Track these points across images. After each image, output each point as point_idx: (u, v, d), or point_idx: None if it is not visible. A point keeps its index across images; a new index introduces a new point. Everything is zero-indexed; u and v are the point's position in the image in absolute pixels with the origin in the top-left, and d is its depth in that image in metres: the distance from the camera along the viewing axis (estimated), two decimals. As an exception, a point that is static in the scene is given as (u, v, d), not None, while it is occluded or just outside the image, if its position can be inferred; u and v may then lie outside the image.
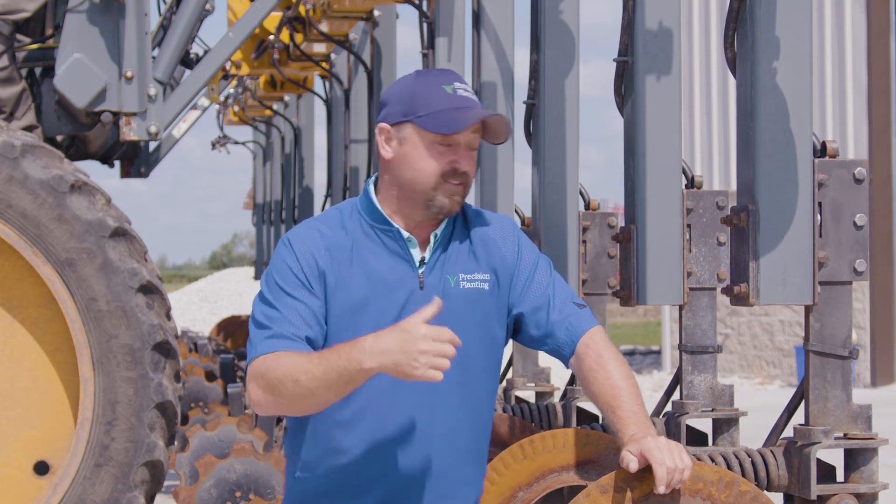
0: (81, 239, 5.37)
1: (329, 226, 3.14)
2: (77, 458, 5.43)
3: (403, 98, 3.11)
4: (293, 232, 3.15)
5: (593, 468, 3.56)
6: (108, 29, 5.73)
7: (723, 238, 4.19)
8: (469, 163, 3.10)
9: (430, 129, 3.06)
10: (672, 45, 4.03)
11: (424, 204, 3.10)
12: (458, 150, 3.08)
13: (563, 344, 3.21)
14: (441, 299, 2.98)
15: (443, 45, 5.69)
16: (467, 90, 3.12)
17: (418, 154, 3.08)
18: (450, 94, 3.08)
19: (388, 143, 3.13)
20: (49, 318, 5.54)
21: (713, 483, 3.13)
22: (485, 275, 3.17)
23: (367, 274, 3.09)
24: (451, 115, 3.05)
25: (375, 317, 3.05)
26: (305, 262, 3.06)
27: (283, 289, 3.05)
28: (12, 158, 5.37)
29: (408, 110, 3.09)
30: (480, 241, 3.20)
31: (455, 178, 3.08)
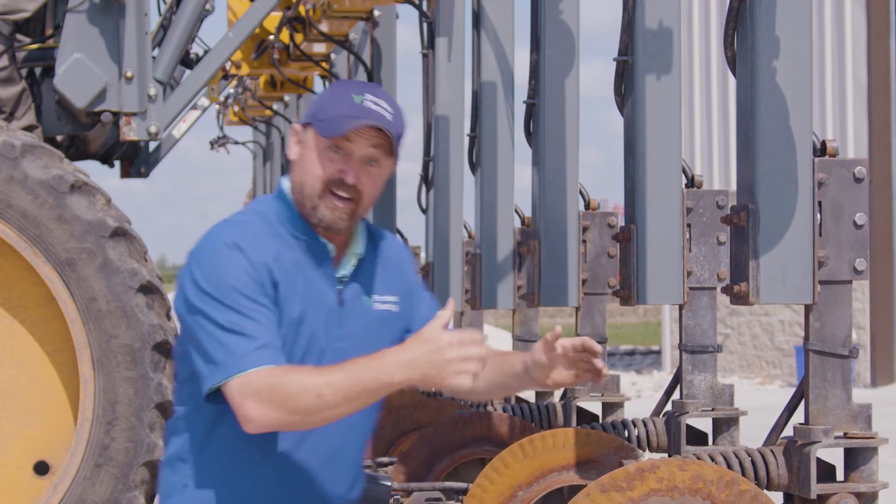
0: (81, 239, 5.37)
1: (264, 234, 3.02)
2: (77, 458, 5.43)
3: (316, 102, 3.09)
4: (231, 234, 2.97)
5: (593, 468, 3.57)
6: (108, 29, 5.73)
7: (723, 237, 4.19)
8: (360, 177, 3.00)
9: (321, 131, 3.00)
10: (672, 44, 4.03)
11: (309, 212, 3.03)
12: (350, 161, 3.00)
13: None
14: (355, 318, 3.02)
15: (443, 45, 5.69)
16: (379, 104, 3.02)
17: (310, 157, 3.02)
18: (355, 103, 3.00)
19: (296, 143, 3.09)
20: (49, 318, 5.53)
21: (713, 482, 3.14)
22: (394, 297, 3.17)
23: (301, 287, 3.02)
24: (342, 119, 2.98)
25: (308, 332, 3.01)
26: (262, 268, 2.94)
27: (247, 294, 2.91)
28: (12, 158, 5.37)
29: (313, 113, 3.05)
30: (390, 262, 3.19)
31: (341, 189, 3.00)
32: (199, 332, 2.90)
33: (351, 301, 3.09)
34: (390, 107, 3.06)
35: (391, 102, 3.08)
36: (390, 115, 3.03)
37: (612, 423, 4.43)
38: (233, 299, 2.89)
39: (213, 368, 2.88)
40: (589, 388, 4.83)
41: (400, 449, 5.17)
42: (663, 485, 3.18)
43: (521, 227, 5.32)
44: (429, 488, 4.31)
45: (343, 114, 2.99)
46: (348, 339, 3.07)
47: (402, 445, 5.23)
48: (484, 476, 3.76)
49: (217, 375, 2.87)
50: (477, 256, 5.19)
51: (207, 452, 3.02)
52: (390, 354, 2.83)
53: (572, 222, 4.69)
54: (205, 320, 2.89)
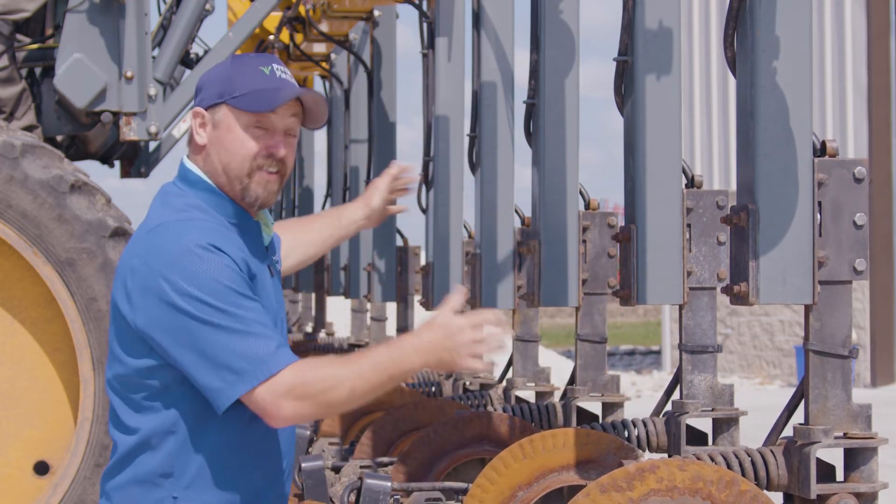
0: (81, 239, 5.37)
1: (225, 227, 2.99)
2: (77, 458, 5.44)
3: (219, 80, 3.01)
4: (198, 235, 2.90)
5: (593, 468, 3.57)
6: (108, 29, 5.73)
7: (723, 238, 4.19)
8: (287, 149, 3.01)
9: (246, 108, 2.95)
10: (672, 45, 4.03)
11: (239, 193, 3.01)
12: (276, 135, 2.99)
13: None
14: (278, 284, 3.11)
15: (443, 45, 5.69)
16: (286, 72, 3.03)
17: (233, 136, 2.98)
18: (267, 75, 2.98)
19: (203, 127, 3.02)
20: (49, 318, 5.54)
21: (713, 482, 3.14)
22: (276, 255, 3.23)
23: (257, 269, 3.02)
24: (268, 93, 2.95)
25: (271, 311, 3.02)
26: (241, 263, 2.93)
27: (245, 293, 2.88)
28: (12, 158, 5.38)
29: (223, 91, 2.98)
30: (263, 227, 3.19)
31: (271, 164, 2.99)
32: (202, 344, 2.82)
33: (276, 269, 3.16)
34: (289, 72, 3.07)
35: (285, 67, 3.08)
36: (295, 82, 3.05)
37: (612, 423, 4.43)
38: (235, 302, 2.85)
39: (233, 378, 2.82)
40: (589, 388, 4.83)
41: (400, 449, 5.17)
42: (663, 485, 3.18)
43: (521, 227, 5.32)
44: (429, 488, 4.31)
45: (264, 87, 2.96)
46: (281, 306, 3.13)
47: (402, 445, 5.23)
48: (484, 476, 3.77)
49: (242, 384, 2.82)
50: (477, 256, 5.19)
51: (197, 462, 2.96)
52: (407, 341, 2.88)
53: (572, 222, 4.69)
54: (209, 330, 2.82)
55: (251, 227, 3.05)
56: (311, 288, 9.80)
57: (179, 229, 2.91)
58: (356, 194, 8.03)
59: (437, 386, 6.56)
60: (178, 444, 2.96)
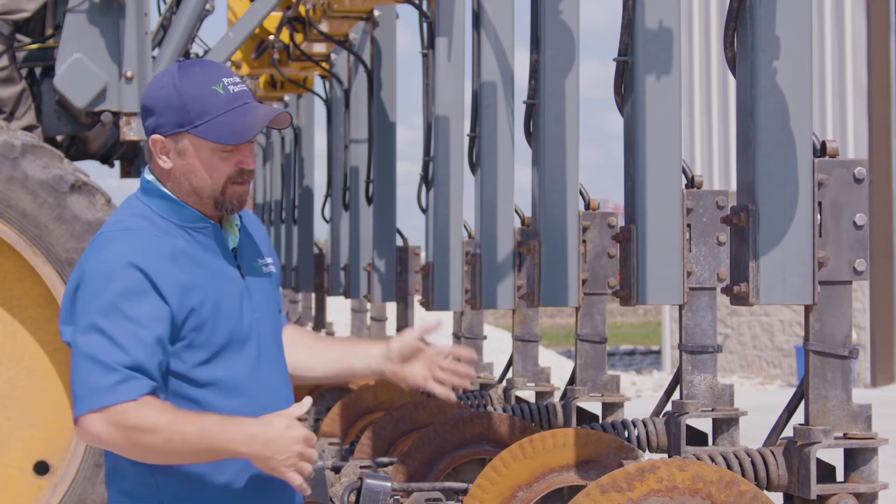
0: (81, 239, 5.37)
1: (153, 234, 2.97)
2: (77, 458, 5.44)
3: (172, 106, 2.95)
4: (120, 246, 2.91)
5: (593, 468, 3.57)
6: (108, 29, 5.73)
7: (723, 238, 4.19)
8: (252, 158, 3.02)
9: (213, 139, 2.93)
10: (672, 44, 4.03)
11: (213, 206, 3.02)
12: (242, 150, 2.99)
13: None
14: (257, 286, 3.07)
15: (443, 45, 5.69)
16: (236, 83, 2.97)
17: (201, 163, 2.97)
18: (221, 94, 2.93)
19: (165, 154, 2.99)
20: (49, 318, 5.54)
21: (713, 483, 3.14)
22: (269, 258, 3.20)
23: (210, 274, 3.00)
24: (233, 121, 2.92)
25: (229, 311, 3.01)
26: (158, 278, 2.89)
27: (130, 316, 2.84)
28: (12, 158, 5.38)
29: (182, 120, 2.94)
30: (253, 228, 3.20)
31: (242, 178, 3.00)
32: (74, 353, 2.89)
33: (249, 269, 3.11)
34: (233, 75, 3.01)
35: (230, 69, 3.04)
36: (244, 86, 3.00)
37: (612, 423, 4.43)
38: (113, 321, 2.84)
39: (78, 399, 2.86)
40: (589, 388, 4.83)
41: (400, 449, 5.17)
42: (663, 485, 3.18)
43: (521, 227, 5.32)
44: (429, 488, 4.31)
45: (224, 112, 2.92)
46: (259, 308, 3.09)
47: (402, 445, 5.23)
48: (484, 476, 3.76)
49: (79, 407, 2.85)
50: (477, 256, 5.19)
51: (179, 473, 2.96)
52: (246, 424, 2.83)
53: (572, 222, 4.69)
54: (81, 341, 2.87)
55: (210, 231, 3.04)
56: (311, 288, 9.80)
57: (103, 241, 2.94)
58: (356, 194, 8.03)
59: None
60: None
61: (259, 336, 3.08)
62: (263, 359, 3.08)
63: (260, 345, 3.08)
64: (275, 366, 3.13)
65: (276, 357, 3.16)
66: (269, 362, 3.11)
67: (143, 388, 2.83)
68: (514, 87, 5.20)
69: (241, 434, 2.82)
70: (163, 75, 3.01)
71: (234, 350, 3.02)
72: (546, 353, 22.47)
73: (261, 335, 3.09)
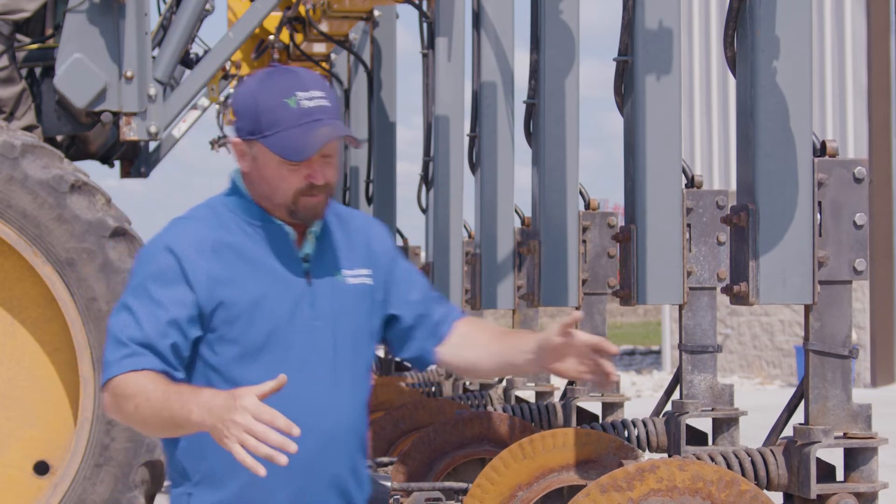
0: (81, 239, 5.37)
1: (207, 225, 3.02)
2: (77, 458, 5.44)
3: (248, 112, 2.98)
4: (169, 234, 3.01)
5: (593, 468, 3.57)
6: (108, 29, 5.73)
7: (723, 238, 4.19)
8: (327, 173, 2.99)
9: (276, 152, 2.95)
10: (672, 44, 4.03)
11: (288, 213, 3.03)
12: (312, 164, 2.97)
13: (434, 343, 3.21)
14: (329, 296, 3.02)
15: (443, 45, 5.69)
16: (312, 97, 2.96)
17: (270, 173, 2.98)
18: (293, 109, 2.94)
19: (243, 157, 3.04)
20: (49, 318, 5.54)
21: (713, 482, 3.14)
22: (366, 270, 3.14)
23: (257, 271, 3.01)
24: (296, 137, 2.92)
25: (272, 313, 2.99)
26: (189, 264, 2.94)
27: (152, 295, 2.92)
28: (12, 158, 5.38)
29: (253, 128, 2.97)
30: (357, 235, 3.16)
31: (312, 192, 2.99)
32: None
33: (321, 278, 3.06)
34: (320, 89, 2.99)
35: (316, 79, 3.01)
36: (327, 101, 2.98)
37: (612, 423, 4.43)
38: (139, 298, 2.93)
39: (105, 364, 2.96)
40: (589, 388, 4.82)
41: (400, 449, 5.17)
42: (663, 485, 3.18)
43: (521, 227, 5.32)
44: (429, 488, 4.31)
45: (290, 128, 2.93)
46: (323, 317, 3.05)
47: (402, 445, 5.23)
48: (484, 476, 3.77)
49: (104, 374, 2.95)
50: (477, 256, 5.19)
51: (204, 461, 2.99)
52: (205, 393, 2.78)
53: (572, 222, 4.69)
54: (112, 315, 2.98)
55: (272, 229, 3.05)
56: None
57: (165, 227, 3.05)
58: (356, 194, 8.03)
59: (437, 386, 6.57)
60: (189, 443, 3.00)
61: (312, 345, 3.04)
62: (313, 368, 3.03)
63: (311, 353, 3.03)
64: (329, 378, 3.05)
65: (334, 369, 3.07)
66: (320, 373, 3.04)
67: (146, 363, 2.87)
68: (514, 87, 5.20)
69: (196, 403, 2.75)
70: (251, 79, 3.06)
71: (275, 353, 3.00)
72: (546, 353, 22.39)
73: (316, 344, 3.04)
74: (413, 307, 3.20)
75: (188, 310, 2.93)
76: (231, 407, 2.66)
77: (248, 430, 2.62)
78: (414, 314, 3.20)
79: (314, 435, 3.00)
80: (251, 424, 2.62)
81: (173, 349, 2.92)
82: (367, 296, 3.13)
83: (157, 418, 2.84)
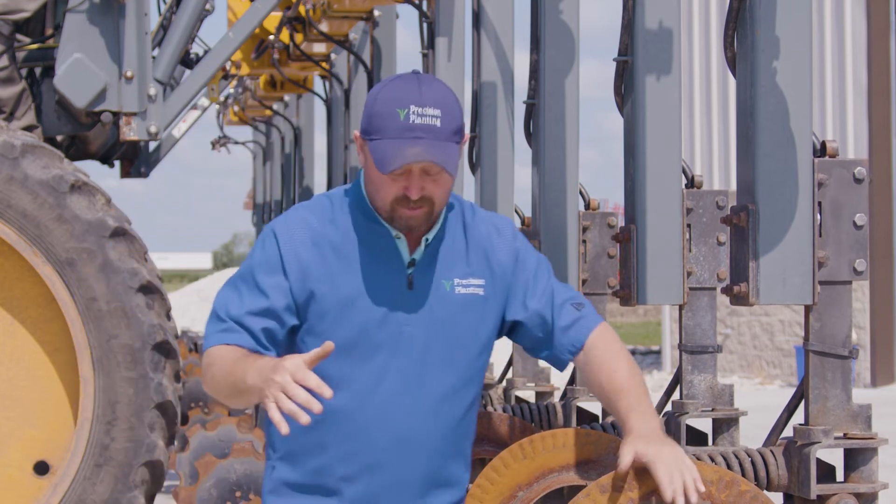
0: (81, 239, 5.37)
1: (318, 217, 3.08)
2: (77, 458, 5.44)
3: (367, 112, 3.03)
4: (280, 220, 3.11)
5: (593, 468, 3.56)
6: (108, 29, 5.73)
7: (723, 238, 4.18)
8: (426, 188, 2.97)
9: (372, 156, 2.97)
10: (672, 45, 4.03)
11: (387, 219, 3.05)
12: (410, 177, 2.97)
13: (564, 350, 3.21)
14: (431, 303, 3.01)
15: (443, 45, 5.69)
16: (424, 114, 2.95)
17: (375, 176, 3.01)
18: (401, 121, 2.94)
19: (360, 152, 3.08)
20: (49, 318, 5.54)
21: (713, 483, 3.14)
22: (480, 280, 3.12)
23: (355, 270, 3.04)
24: (390, 149, 2.93)
25: (363, 313, 3.03)
26: (287, 253, 3.03)
27: (255, 277, 3.04)
28: (12, 158, 5.38)
29: (367, 128, 3.01)
30: (477, 244, 3.14)
31: (407, 204, 2.99)
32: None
33: (424, 285, 3.06)
34: (437, 107, 2.96)
35: (439, 97, 2.97)
36: (440, 121, 2.95)
37: (612, 423, 4.42)
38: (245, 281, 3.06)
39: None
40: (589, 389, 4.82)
41: (400, 449, 5.16)
42: (663, 485, 3.17)
43: (521, 227, 5.32)
44: (429, 488, 4.30)
45: (392, 137, 2.93)
46: (418, 323, 3.05)
47: (401, 445, 5.22)
48: (484, 476, 3.76)
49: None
50: (477, 256, 5.18)
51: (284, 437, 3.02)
52: (264, 359, 2.90)
53: (572, 222, 4.69)
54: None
55: (380, 231, 3.07)
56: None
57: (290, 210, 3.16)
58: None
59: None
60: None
61: (399, 349, 3.05)
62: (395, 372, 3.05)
63: (396, 358, 3.04)
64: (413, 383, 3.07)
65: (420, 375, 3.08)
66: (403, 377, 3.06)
67: (237, 339, 3.00)
68: (514, 87, 5.20)
69: (253, 367, 2.87)
70: (385, 80, 3.08)
71: (360, 353, 3.04)
72: (546, 353, 22.41)
73: (403, 349, 3.05)
74: (533, 313, 3.18)
75: (286, 298, 3.02)
76: (275, 367, 2.76)
77: (282, 388, 2.72)
78: (535, 320, 3.19)
79: (387, 436, 3.06)
80: (286, 383, 2.72)
81: (266, 332, 3.02)
82: (477, 306, 3.12)
83: (226, 383, 2.96)
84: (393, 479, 3.09)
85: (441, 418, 3.12)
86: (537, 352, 3.26)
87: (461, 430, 3.19)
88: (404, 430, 3.08)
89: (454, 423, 3.16)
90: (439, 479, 3.16)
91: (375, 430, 3.07)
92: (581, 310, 3.21)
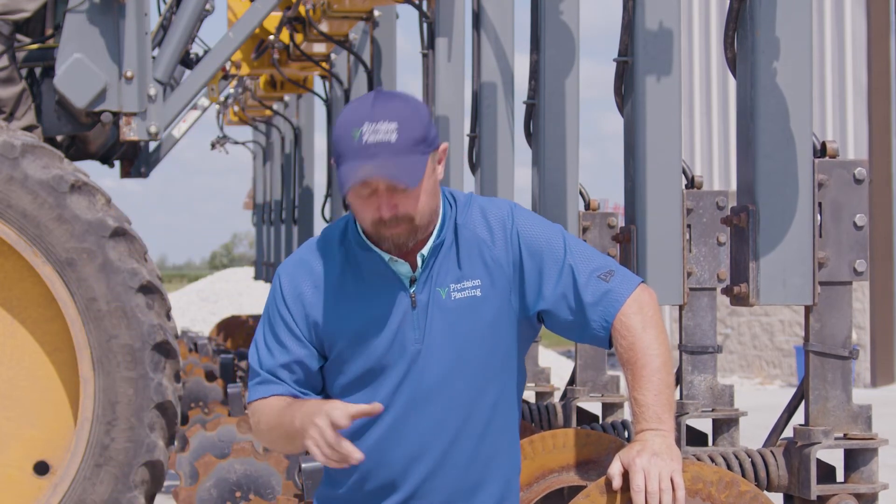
0: (81, 239, 5.37)
1: (318, 257, 3.08)
2: (77, 458, 5.43)
3: (333, 138, 3.00)
4: (284, 266, 3.13)
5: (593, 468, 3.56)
6: (108, 29, 5.73)
7: (723, 238, 4.19)
8: (398, 205, 2.91)
9: (338, 181, 2.94)
10: (672, 45, 4.03)
11: (376, 241, 3.01)
12: (379, 197, 2.91)
13: (598, 327, 3.04)
14: (433, 316, 2.99)
15: (443, 45, 5.69)
16: (377, 131, 2.88)
17: (352, 200, 2.96)
18: (355, 142, 2.88)
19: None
20: (49, 318, 5.54)
21: (713, 483, 3.13)
22: (475, 281, 3.05)
23: (359, 303, 3.02)
24: (347, 171, 2.88)
25: (369, 346, 3.01)
26: (292, 304, 3.07)
27: (273, 330, 3.10)
28: (12, 158, 5.37)
29: (333, 153, 2.99)
30: (469, 245, 3.06)
31: (384, 224, 2.94)
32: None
33: (426, 300, 3.02)
34: (392, 121, 2.89)
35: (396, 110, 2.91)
36: (394, 135, 2.88)
37: (612, 424, 4.43)
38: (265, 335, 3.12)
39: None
40: (589, 389, 4.82)
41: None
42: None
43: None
44: (429, 489, 4.30)
45: (349, 159, 2.89)
46: (426, 339, 3.01)
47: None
48: (484, 476, 3.76)
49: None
50: (477, 257, 5.18)
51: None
52: (309, 402, 2.98)
53: (572, 222, 4.69)
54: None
55: (374, 258, 3.03)
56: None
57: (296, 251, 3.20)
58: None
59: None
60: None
61: (411, 371, 3.02)
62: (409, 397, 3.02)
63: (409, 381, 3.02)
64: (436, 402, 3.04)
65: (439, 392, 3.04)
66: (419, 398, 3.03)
67: (276, 390, 3.08)
68: (514, 88, 5.20)
69: (299, 411, 2.94)
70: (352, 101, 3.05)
71: (373, 382, 3.04)
72: (546, 353, 22.44)
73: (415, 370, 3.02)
74: (555, 299, 3.04)
75: (304, 348, 3.08)
76: (318, 411, 2.85)
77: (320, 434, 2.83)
78: (560, 304, 3.03)
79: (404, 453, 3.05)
80: (324, 432, 2.83)
81: (298, 382, 3.09)
82: (477, 308, 3.03)
83: (278, 432, 3.05)
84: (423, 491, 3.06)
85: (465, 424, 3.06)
86: (576, 335, 3.09)
87: (492, 428, 3.10)
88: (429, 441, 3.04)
89: (480, 427, 3.07)
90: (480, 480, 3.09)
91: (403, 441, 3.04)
92: (610, 279, 3.02)
